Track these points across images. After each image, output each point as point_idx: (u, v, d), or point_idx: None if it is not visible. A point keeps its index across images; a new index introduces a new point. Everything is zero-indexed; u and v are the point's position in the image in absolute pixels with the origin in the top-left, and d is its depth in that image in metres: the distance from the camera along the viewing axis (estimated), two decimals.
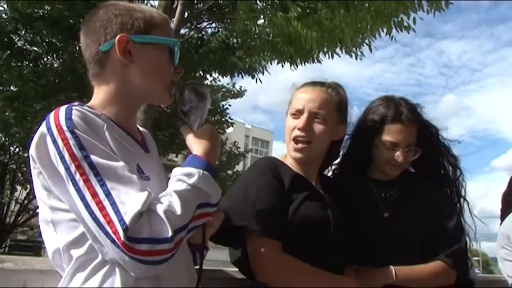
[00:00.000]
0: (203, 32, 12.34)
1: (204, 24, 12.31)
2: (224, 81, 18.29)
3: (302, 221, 1.90)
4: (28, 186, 19.01)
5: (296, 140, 2.02)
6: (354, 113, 2.33)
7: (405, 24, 7.57)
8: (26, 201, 20.62)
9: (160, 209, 1.28)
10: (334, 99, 2.08)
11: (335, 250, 1.98)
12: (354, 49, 8.52)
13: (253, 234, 1.84)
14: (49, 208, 1.37)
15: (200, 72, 12.85)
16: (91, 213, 1.25)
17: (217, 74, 13.08)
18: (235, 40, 11.48)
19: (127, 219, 1.22)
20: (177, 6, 8.39)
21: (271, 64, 10.44)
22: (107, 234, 1.23)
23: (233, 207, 1.84)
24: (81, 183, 1.26)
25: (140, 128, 1.67)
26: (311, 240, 1.91)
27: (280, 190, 1.91)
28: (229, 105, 19.58)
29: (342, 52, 8.65)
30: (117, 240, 1.21)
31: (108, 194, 1.25)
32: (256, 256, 1.84)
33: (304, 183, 2.03)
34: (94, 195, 1.25)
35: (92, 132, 1.34)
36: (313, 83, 2.12)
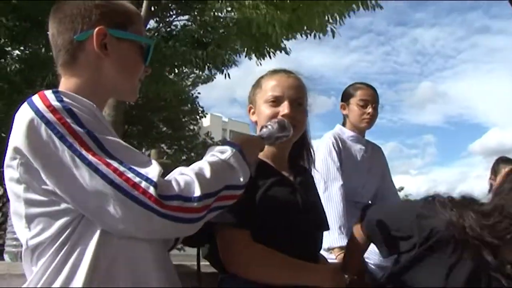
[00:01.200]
0: (172, 26, 12.20)
1: (173, 17, 12.14)
2: None
3: (270, 207, 1.85)
4: None
5: None
6: (332, 102, 2.31)
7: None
8: None
9: (189, 170, 1.33)
10: (305, 85, 2.09)
11: (307, 236, 1.93)
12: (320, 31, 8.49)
13: (222, 226, 1.78)
14: (24, 203, 1.30)
15: (167, 70, 12.71)
16: (111, 182, 1.21)
17: (187, 69, 12.83)
18: (204, 33, 11.36)
19: (153, 177, 1.23)
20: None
21: (241, 57, 10.37)
22: (133, 198, 1.21)
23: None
24: (90, 157, 1.22)
25: None
26: (280, 227, 1.86)
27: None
28: (199, 93, 19.47)
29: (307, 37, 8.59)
30: (147, 199, 1.21)
31: (122, 162, 1.24)
32: (226, 247, 1.79)
33: (271, 170, 1.98)
34: (108, 164, 1.23)
35: (88, 110, 1.31)
36: (284, 71, 2.10)
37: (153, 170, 1.26)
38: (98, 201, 1.23)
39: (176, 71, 12.96)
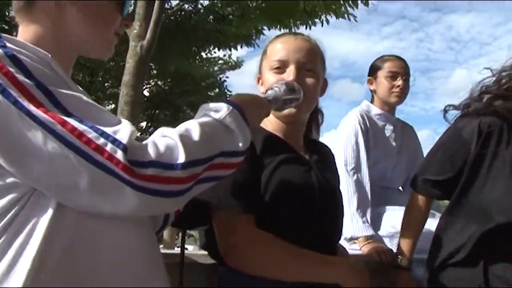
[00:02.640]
0: (195, 3, 12.08)
1: None
2: (220, 54, 17.89)
3: (279, 188, 1.57)
4: None
5: None
6: (364, 89, 2.68)
7: None
8: None
9: (173, 132, 1.09)
10: (318, 49, 1.78)
11: (323, 223, 1.64)
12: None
13: (219, 208, 1.52)
14: None
15: (195, 48, 12.51)
16: (69, 145, 0.96)
17: (212, 47, 12.77)
18: (228, 9, 11.14)
19: (122, 138, 1.00)
20: None
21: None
22: (97, 164, 0.97)
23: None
24: (41, 115, 0.97)
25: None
26: (291, 212, 1.57)
27: (250, 156, 1.55)
28: (227, 77, 19.17)
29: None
30: (114, 166, 0.97)
31: (82, 121, 0.99)
32: (224, 235, 1.52)
33: (282, 144, 1.69)
34: (64, 123, 0.97)
35: (40, 60, 1.06)
36: (293, 33, 1.81)
37: (123, 130, 1.02)
38: (54, 170, 0.98)
39: (203, 51, 12.79)
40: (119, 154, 0.98)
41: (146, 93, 17.93)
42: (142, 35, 7.33)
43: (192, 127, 1.11)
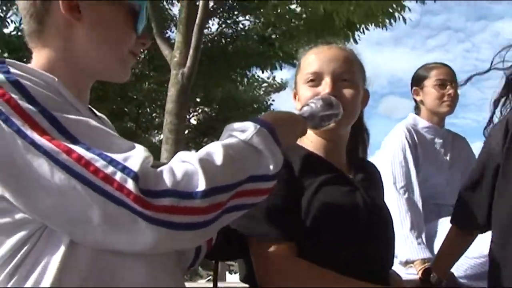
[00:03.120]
0: (235, 26, 12.19)
1: (237, 17, 12.11)
2: (264, 77, 17.88)
3: (321, 211, 1.43)
4: None
5: None
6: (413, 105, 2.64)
7: None
8: None
9: (192, 156, 0.98)
10: (355, 57, 1.65)
11: (370, 247, 1.49)
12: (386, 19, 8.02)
13: (256, 238, 1.41)
14: None
15: (239, 71, 12.56)
16: (76, 175, 0.89)
17: (256, 69, 12.80)
18: (270, 31, 11.12)
19: (133, 165, 0.91)
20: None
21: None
22: (107, 195, 0.89)
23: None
24: (45, 144, 0.90)
25: (97, 113, 1.30)
26: (335, 235, 1.43)
27: (288, 178, 1.44)
28: (273, 100, 19.08)
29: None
30: (125, 197, 0.88)
31: (89, 148, 0.91)
32: (262, 266, 1.40)
33: (322, 164, 1.56)
34: (69, 152, 0.90)
35: (45, 84, 1.00)
36: (326, 42, 1.68)
37: (134, 156, 0.93)
38: (63, 203, 0.90)
39: (248, 74, 12.82)
40: (130, 184, 0.88)
41: (193, 121, 18.07)
42: (183, 62, 7.38)
43: (215, 150, 1.00)
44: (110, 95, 13.17)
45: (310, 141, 1.60)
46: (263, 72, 12.99)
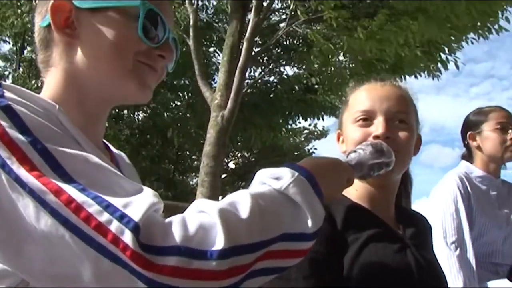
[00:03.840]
0: (282, 75, 12.25)
1: (279, 64, 12.16)
2: (305, 124, 17.84)
3: (367, 272, 1.24)
4: None
5: None
6: (456, 154, 2.64)
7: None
8: None
9: (211, 205, 0.80)
10: (411, 97, 1.48)
11: None
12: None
13: None
14: None
15: (281, 119, 12.55)
16: (65, 221, 0.73)
17: (299, 118, 12.76)
18: (313, 80, 11.09)
19: (135, 214, 0.73)
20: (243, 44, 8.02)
21: None
22: (100, 248, 0.72)
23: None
24: (30, 181, 0.75)
25: (113, 149, 1.18)
26: None
27: (329, 232, 1.26)
28: (315, 148, 18.85)
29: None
30: (121, 252, 0.71)
31: (84, 189, 0.75)
32: None
33: (369, 217, 1.36)
34: (58, 192, 0.74)
35: (42, 112, 0.87)
36: (379, 79, 1.51)
37: (137, 202, 0.75)
38: (50, 255, 0.74)
39: (290, 121, 12.74)
40: (127, 236, 0.71)
41: (232, 165, 18.03)
42: (223, 105, 7.33)
43: (241, 199, 0.82)
44: (150, 139, 13.32)
45: (355, 189, 1.40)
46: (306, 120, 12.94)
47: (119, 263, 0.71)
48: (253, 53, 8.36)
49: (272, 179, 0.89)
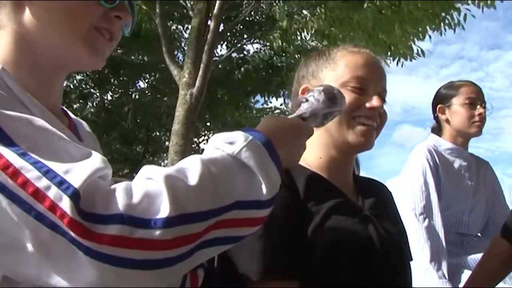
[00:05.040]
0: (244, 52, 12.15)
1: (244, 42, 12.12)
2: (276, 103, 17.78)
3: (330, 245, 1.22)
4: None
5: (364, 121, 1.37)
6: (428, 134, 2.69)
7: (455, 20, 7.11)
8: None
9: (159, 172, 0.75)
10: None
11: (386, 286, 1.27)
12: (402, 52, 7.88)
13: (249, 278, 1.16)
14: None
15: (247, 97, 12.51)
16: (1, 187, 0.69)
17: (265, 97, 12.66)
18: (276, 59, 11.00)
19: (75, 179, 0.69)
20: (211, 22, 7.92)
21: None
22: (38, 216, 0.68)
23: None
24: None
25: (73, 116, 1.13)
26: (346, 276, 1.20)
27: (289, 201, 1.23)
28: None
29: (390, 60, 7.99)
30: (58, 220, 0.67)
31: (25, 154, 0.72)
32: None
33: (329, 188, 1.34)
34: (6, 166, 0.70)
35: None
36: (372, 50, 1.49)
37: (80, 168, 0.72)
38: None
39: (252, 99, 12.63)
40: (65, 203, 0.67)
41: (203, 145, 17.96)
42: (192, 83, 7.23)
43: (191, 165, 0.77)
44: (118, 120, 13.15)
45: (319, 156, 1.38)
46: (268, 98, 12.88)
47: (58, 231, 0.68)
48: (219, 30, 8.28)
49: (226, 143, 0.85)
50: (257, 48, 12.05)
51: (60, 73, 1.02)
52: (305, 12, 8.23)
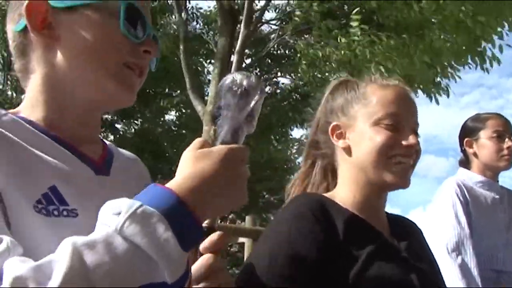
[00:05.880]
0: (274, 86, 12.28)
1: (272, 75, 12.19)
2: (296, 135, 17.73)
3: None
4: None
5: (400, 160, 1.32)
6: (450, 164, 2.53)
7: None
8: None
9: (16, 268, 0.62)
10: None
11: None
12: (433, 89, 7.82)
13: None
14: None
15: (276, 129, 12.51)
16: None
17: (293, 128, 12.67)
18: (307, 89, 11.11)
19: None
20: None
21: None
22: None
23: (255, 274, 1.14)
24: None
25: (125, 152, 1.12)
26: None
27: (328, 241, 1.20)
28: None
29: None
30: None
31: None
32: None
33: (368, 230, 1.29)
34: None
35: None
36: (402, 84, 1.42)
37: None
38: None
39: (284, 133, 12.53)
40: None
41: None
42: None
43: (60, 257, 0.63)
44: (144, 155, 13.22)
45: (354, 195, 1.33)
46: (298, 128, 12.90)
47: None
48: (244, 65, 8.32)
49: (113, 215, 0.68)
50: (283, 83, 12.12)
51: (94, 112, 1.00)
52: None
